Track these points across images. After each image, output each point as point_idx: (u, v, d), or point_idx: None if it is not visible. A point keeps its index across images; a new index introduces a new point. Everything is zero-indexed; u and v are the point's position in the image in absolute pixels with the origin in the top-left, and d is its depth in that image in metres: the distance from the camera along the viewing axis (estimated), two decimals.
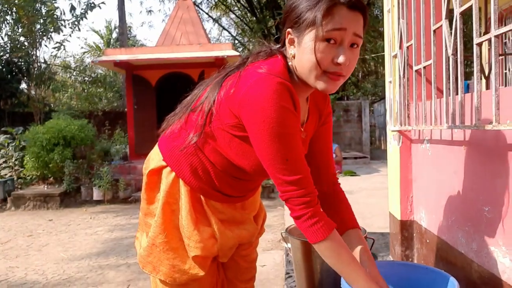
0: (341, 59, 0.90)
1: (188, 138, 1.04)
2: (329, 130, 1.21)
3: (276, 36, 1.09)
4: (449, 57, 1.30)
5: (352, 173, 7.64)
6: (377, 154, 11.39)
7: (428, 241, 1.69)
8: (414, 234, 1.88)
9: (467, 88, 4.24)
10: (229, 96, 0.96)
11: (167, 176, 1.09)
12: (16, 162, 7.10)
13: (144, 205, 1.14)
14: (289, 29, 0.97)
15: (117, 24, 14.69)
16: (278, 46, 1.05)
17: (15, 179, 6.91)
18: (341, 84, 0.98)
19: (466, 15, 1.26)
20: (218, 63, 6.81)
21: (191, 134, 1.03)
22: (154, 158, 1.13)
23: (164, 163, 1.09)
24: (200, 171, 1.06)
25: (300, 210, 0.93)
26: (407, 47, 1.74)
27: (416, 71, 1.67)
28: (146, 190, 1.14)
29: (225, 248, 1.13)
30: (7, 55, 10.41)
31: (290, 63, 1.00)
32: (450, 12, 1.34)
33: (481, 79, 1.18)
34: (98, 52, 18.32)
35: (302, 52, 0.94)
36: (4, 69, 10.32)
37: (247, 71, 0.98)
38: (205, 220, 1.09)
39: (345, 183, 6.59)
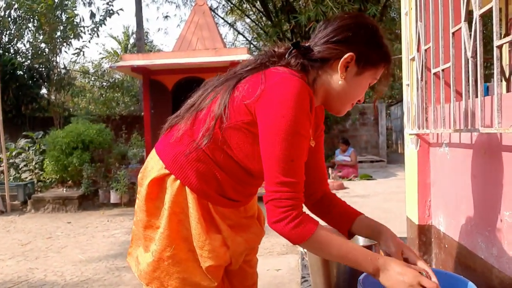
0: (362, 99, 1.12)
1: (196, 141, 1.00)
2: (322, 143, 1.29)
3: (295, 42, 1.07)
4: (468, 60, 1.28)
5: (369, 177, 7.57)
6: (394, 157, 11.25)
7: (446, 246, 1.66)
8: (432, 239, 1.85)
9: (487, 91, 4.15)
10: (247, 94, 0.96)
11: (172, 185, 1.03)
12: (36, 166, 7.27)
13: (144, 217, 1.07)
14: (353, 55, 1.02)
15: (135, 29, 14.93)
16: (297, 51, 1.04)
17: (35, 182, 7.07)
18: None
19: (486, 17, 1.24)
20: (233, 67, 6.84)
21: (199, 137, 1.00)
22: (154, 166, 1.07)
23: (166, 171, 1.04)
24: (207, 176, 1.02)
25: (283, 213, 0.91)
26: (425, 50, 1.72)
27: (434, 74, 1.65)
28: (146, 201, 1.07)
29: (236, 254, 1.10)
30: (29, 61, 10.68)
31: (317, 78, 1.04)
32: (469, 14, 1.32)
33: (501, 81, 1.16)
34: (116, 58, 18.64)
35: (355, 83, 1.05)
36: (25, 75, 10.59)
37: (270, 71, 0.98)
38: (214, 228, 1.05)
39: (361, 187, 6.55)
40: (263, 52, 1.12)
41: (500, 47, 1.13)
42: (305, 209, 1.00)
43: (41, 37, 10.08)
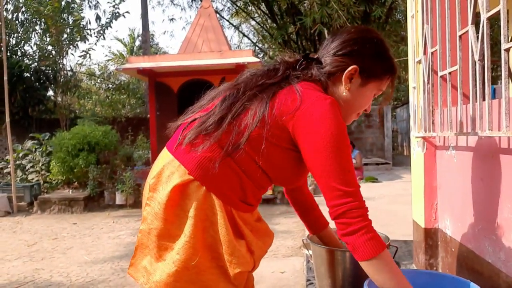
0: (369, 109, 1.18)
1: (224, 148, 1.00)
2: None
3: (305, 54, 1.15)
4: (475, 63, 1.27)
5: (374, 180, 7.54)
6: (400, 160, 11.20)
7: (453, 249, 1.65)
8: (439, 243, 1.83)
9: (494, 93, 4.13)
10: (284, 110, 1.00)
11: (197, 191, 1.01)
12: (43, 167, 7.32)
13: (161, 225, 1.02)
14: (357, 68, 1.08)
15: (140, 32, 15.01)
16: (307, 63, 1.14)
17: (41, 183, 7.12)
18: None
19: (493, 19, 1.23)
20: (238, 69, 6.86)
21: (228, 144, 1.00)
22: (175, 172, 1.03)
23: (190, 177, 1.01)
24: (232, 182, 1.02)
25: (359, 223, 0.93)
26: (432, 53, 1.72)
27: (441, 76, 1.64)
28: (166, 209, 1.02)
29: (259, 258, 1.12)
30: (36, 63, 10.78)
31: (330, 91, 1.11)
32: (476, 17, 1.31)
33: (509, 85, 1.15)
34: (122, 60, 18.74)
35: (360, 94, 1.11)
36: (32, 77, 10.68)
37: (303, 90, 1.03)
38: (238, 233, 1.05)
39: (367, 189, 6.51)
40: (280, 62, 1.14)
41: (508, 50, 1.12)
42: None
43: (48, 40, 10.17)
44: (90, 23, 11.62)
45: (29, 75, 10.56)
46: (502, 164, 1.24)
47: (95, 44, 14.46)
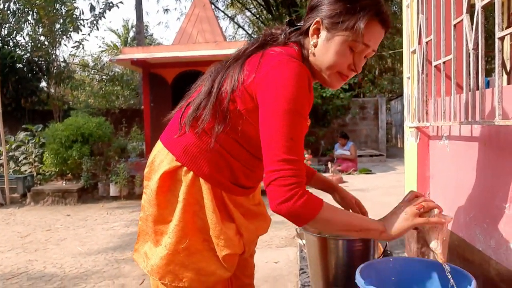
0: (358, 69, 1.02)
1: (215, 131, 1.00)
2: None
3: (289, 19, 1.10)
4: (469, 52, 1.27)
5: (368, 171, 7.58)
6: (393, 152, 11.26)
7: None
8: None
9: (488, 85, 4.15)
10: (248, 78, 0.97)
11: (185, 177, 1.03)
12: (36, 159, 7.27)
13: (155, 211, 1.06)
14: (320, 20, 1.00)
15: (134, 23, 14.87)
16: (292, 29, 1.08)
17: (34, 175, 7.07)
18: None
19: (488, 10, 1.23)
20: None
21: (212, 130, 1.00)
22: (164, 159, 1.06)
23: (178, 164, 1.03)
24: (219, 165, 1.02)
25: (289, 191, 0.88)
26: (426, 43, 1.72)
27: (435, 66, 1.65)
28: (157, 195, 1.05)
29: (249, 242, 1.12)
30: (28, 54, 10.65)
31: (308, 51, 1.03)
32: (471, 7, 1.31)
33: (502, 74, 1.16)
34: (116, 51, 18.58)
35: (328, 49, 0.99)
36: (25, 68, 10.57)
37: (268, 54, 0.99)
38: (228, 216, 1.06)
39: (360, 181, 6.55)
40: (263, 32, 1.12)
41: (502, 39, 1.12)
42: None
43: (40, 30, 10.03)
44: (83, 13, 11.52)
45: (21, 66, 10.46)
46: (494, 153, 1.25)
47: (89, 35, 14.28)
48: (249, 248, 1.12)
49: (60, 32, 9.86)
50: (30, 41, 10.54)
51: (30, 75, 10.74)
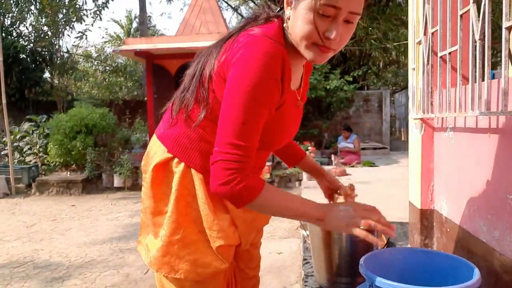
0: (332, 35, 0.87)
1: (194, 120, 0.98)
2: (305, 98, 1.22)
3: None
4: (476, 43, 1.26)
5: (371, 164, 7.57)
6: (397, 145, 11.23)
7: (448, 230, 1.67)
8: (434, 223, 1.85)
9: (493, 78, 4.12)
10: (221, 62, 0.93)
11: (176, 167, 1.02)
12: (40, 149, 7.31)
13: (151, 203, 1.06)
14: None
15: (138, 13, 14.79)
16: (278, 9, 1.02)
17: (39, 165, 7.12)
18: (330, 57, 0.95)
19: (494, 3, 1.22)
20: None
21: (199, 113, 0.98)
22: (157, 151, 1.06)
23: (170, 155, 1.03)
24: (210, 154, 0.99)
25: (230, 175, 0.86)
26: (432, 33, 1.70)
27: (441, 57, 1.63)
28: (153, 187, 1.06)
29: (246, 234, 1.09)
30: (31, 44, 10.64)
31: (285, 25, 0.96)
32: None
33: (508, 65, 1.15)
34: (119, 42, 18.53)
35: (296, 18, 0.90)
36: (28, 59, 10.57)
37: (242, 35, 0.94)
38: (222, 207, 1.04)
39: (364, 173, 6.55)
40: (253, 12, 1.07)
41: (509, 28, 1.11)
42: None
43: (43, 20, 10.02)
44: (86, 3, 11.46)
45: (25, 56, 10.45)
46: (498, 144, 1.24)
47: (92, 25, 14.28)
48: (246, 239, 1.10)
49: (63, 22, 9.85)
50: (33, 31, 10.54)
51: (33, 65, 10.74)
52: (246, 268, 1.21)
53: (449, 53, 1.52)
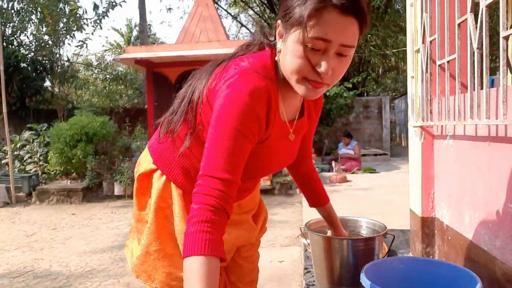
0: (323, 69, 0.81)
1: (185, 143, 0.97)
2: (316, 123, 1.19)
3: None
4: (474, 51, 1.27)
5: (372, 170, 7.56)
6: (398, 151, 11.23)
7: (449, 238, 1.66)
8: (435, 231, 1.85)
9: (492, 84, 4.13)
10: (210, 89, 0.91)
11: (158, 180, 1.04)
12: (41, 158, 7.31)
13: (136, 210, 1.10)
14: (279, 21, 0.88)
15: (138, 22, 14.88)
16: (273, 38, 0.97)
17: (39, 174, 7.11)
18: (324, 91, 0.89)
19: (492, 9, 1.23)
20: None
21: (186, 137, 0.97)
22: (145, 161, 1.09)
23: (154, 166, 1.05)
24: (192, 172, 1.00)
25: (200, 210, 0.79)
26: (430, 42, 1.71)
27: (439, 65, 1.64)
28: (137, 195, 1.08)
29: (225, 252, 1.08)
30: (32, 53, 10.69)
31: (277, 58, 0.91)
32: (475, 5, 1.31)
33: (507, 73, 1.15)
34: (119, 50, 18.61)
35: (286, 52, 0.85)
36: (29, 67, 10.60)
37: (232, 63, 0.92)
38: None
39: (364, 180, 6.54)
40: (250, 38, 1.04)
41: (506, 38, 1.12)
42: None
43: (44, 29, 10.07)
44: (86, 12, 11.53)
45: (25, 65, 10.48)
46: (499, 152, 1.24)
47: (92, 34, 14.38)
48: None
49: (63, 31, 9.90)
50: (34, 41, 10.58)
51: (34, 74, 10.77)
52: (238, 282, 1.20)
53: (448, 62, 1.53)
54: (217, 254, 0.77)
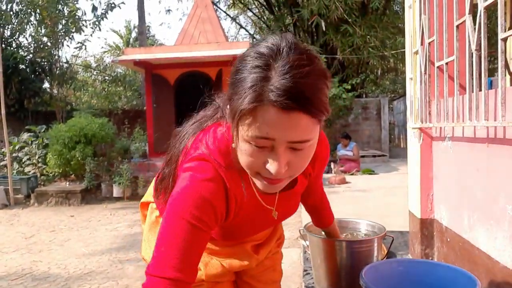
0: (271, 169, 0.72)
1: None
2: (320, 175, 1.12)
3: None
4: (472, 53, 1.27)
5: (370, 172, 7.56)
6: (396, 152, 11.23)
7: (448, 239, 1.66)
8: (434, 233, 1.85)
9: (491, 85, 4.14)
10: (179, 164, 0.87)
11: (151, 213, 1.12)
12: (39, 160, 7.30)
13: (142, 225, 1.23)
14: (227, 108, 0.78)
15: (137, 23, 14.89)
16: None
17: (38, 176, 7.10)
18: (285, 184, 0.79)
19: (491, 10, 1.23)
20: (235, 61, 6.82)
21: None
22: (150, 191, 1.15)
23: (152, 199, 1.12)
24: None
25: None
26: (429, 43, 1.72)
27: (438, 67, 1.64)
28: (142, 216, 1.21)
29: (212, 277, 1.05)
30: (31, 55, 10.69)
31: (233, 145, 0.81)
32: (473, 7, 1.31)
33: (505, 75, 1.15)
34: (118, 52, 18.61)
35: (236, 145, 0.76)
36: (28, 69, 10.60)
37: (193, 144, 0.86)
38: None
39: (363, 181, 6.54)
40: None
41: (504, 40, 1.12)
42: None
43: (43, 31, 10.07)
44: (85, 14, 11.50)
45: (24, 67, 10.48)
46: (497, 154, 1.24)
47: (91, 35, 14.37)
48: (209, 278, 1.04)
49: (62, 33, 9.91)
50: (33, 42, 10.58)
51: (33, 76, 10.76)
52: None
53: (446, 63, 1.53)
54: None
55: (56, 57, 10.32)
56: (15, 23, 10.35)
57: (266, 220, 0.98)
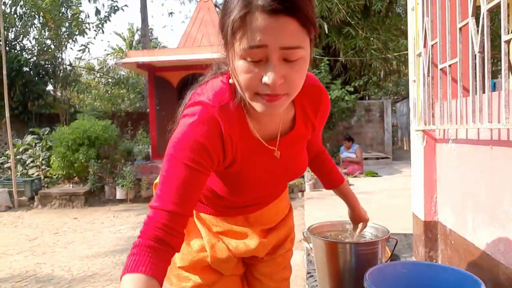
0: (268, 79, 0.73)
1: None
2: (320, 128, 1.16)
3: None
4: (475, 55, 1.27)
5: (374, 174, 7.54)
6: (399, 154, 11.21)
7: (452, 242, 1.66)
8: (438, 235, 1.84)
9: (494, 87, 4.13)
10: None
11: None
12: (43, 162, 7.33)
13: None
14: (222, 42, 0.81)
15: (139, 26, 14.95)
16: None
17: (42, 178, 7.13)
18: (284, 104, 0.80)
19: (493, 12, 1.23)
20: None
21: None
22: None
23: None
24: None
25: (143, 239, 0.79)
26: (432, 46, 1.72)
27: (441, 69, 1.64)
28: None
29: (217, 261, 1.07)
30: (35, 58, 10.74)
31: (231, 80, 0.86)
32: (476, 9, 1.31)
33: (508, 77, 1.15)
34: (121, 54, 18.67)
35: (233, 70, 0.79)
36: (31, 72, 10.65)
37: (194, 93, 0.92)
38: (196, 232, 1.09)
39: (366, 183, 6.53)
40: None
41: (508, 42, 1.12)
42: None
43: (46, 34, 10.13)
44: (88, 17, 11.57)
45: (28, 69, 10.53)
46: (501, 156, 1.24)
47: (94, 38, 14.42)
48: (218, 266, 1.08)
49: (66, 36, 9.96)
50: (37, 45, 10.63)
51: (36, 78, 10.81)
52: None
53: (449, 66, 1.53)
54: (153, 275, 0.74)
55: (60, 59, 10.38)
56: (19, 26, 10.41)
57: (271, 167, 0.98)
